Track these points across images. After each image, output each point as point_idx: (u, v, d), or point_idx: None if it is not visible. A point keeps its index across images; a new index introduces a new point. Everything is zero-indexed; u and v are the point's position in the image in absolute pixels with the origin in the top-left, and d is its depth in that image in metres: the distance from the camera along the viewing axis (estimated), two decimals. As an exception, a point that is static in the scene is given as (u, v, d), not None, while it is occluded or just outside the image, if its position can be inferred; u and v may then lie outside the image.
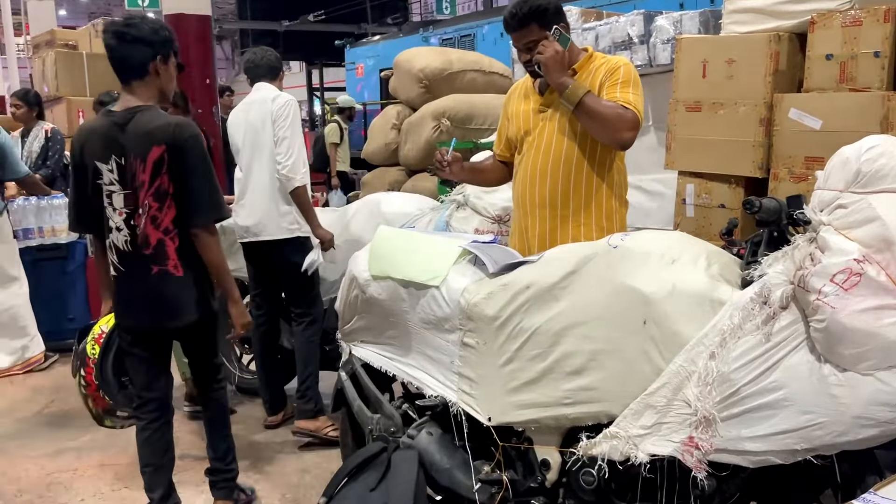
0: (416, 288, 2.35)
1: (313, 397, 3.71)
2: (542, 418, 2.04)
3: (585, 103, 2.52)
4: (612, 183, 2.70)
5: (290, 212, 3.63)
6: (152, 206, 2.60)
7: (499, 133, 2.99)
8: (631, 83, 2.59)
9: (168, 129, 2.58)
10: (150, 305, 2.68)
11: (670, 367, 1.77)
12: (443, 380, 2.31)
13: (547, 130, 2.68)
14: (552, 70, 2.55)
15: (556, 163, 2.66)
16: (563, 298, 2.00)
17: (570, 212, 2.67)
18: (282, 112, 3.57)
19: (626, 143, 2.58)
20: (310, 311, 3.75)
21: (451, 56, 6.78)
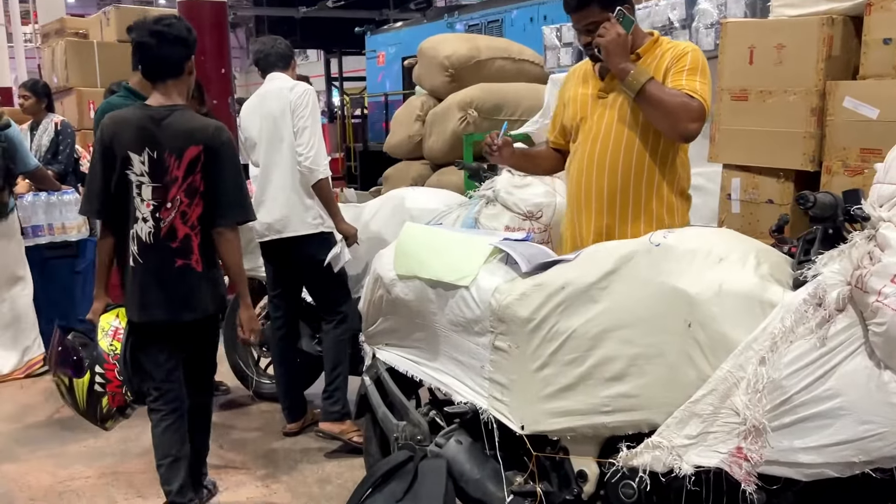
0: (445, 288, 2.36)
1: (340, 399, 3.73)
2: (579, 427, 2.03)
3: (648, 91, 2.50)
4: (674, 177, 2.68)
5: (313, 206, 3.66)
6: (183, 201, 2.81)
7: (553, 119, 2.97)
8: (699, 71, 2.56)
9: (207, 130, 2.83)
10: (168, 298, 2.85)
11: (717, 373, 1.76)
12: (473, 385, 2.32)
13: (606, 118, 2.66)
14: (613, 54, 2.53)
15: (616, 153, 2.64)
16: (601, 300, 2.00)
17: (628, 207, 2.65)
18: (301, 101, 3.60)
19: (691, 134, 2.55)
20: (339, 309, 3.77)
21: (478, 43, 6.77)
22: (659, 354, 1.87)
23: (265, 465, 3.63)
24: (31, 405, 4.54)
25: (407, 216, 3.74)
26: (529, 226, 3.48)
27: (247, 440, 3.94)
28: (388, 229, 3.78)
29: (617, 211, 2.67)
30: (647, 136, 2.62)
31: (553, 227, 3.56)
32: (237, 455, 3.76)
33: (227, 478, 3.53)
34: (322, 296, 3.81)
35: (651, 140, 2.62)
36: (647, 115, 2.57)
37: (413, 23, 15.02)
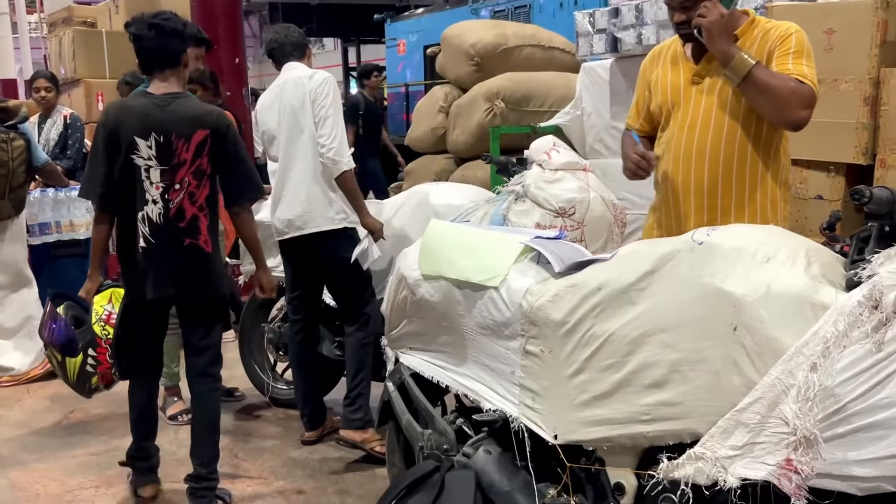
0: (473, 289, 2.36)
1: (363, 406, 3.73)
2: (616, 436, 2.03)
3: (755, 76, 2.47)
4: (778, 167, 2.66)
5: (336, 200, 3.67)
6: (191, 182, 3.12)
7: (636, 104, 2.94)
8: (804, 53, 2.53)
9: (212, 115, 3.17)
10: (177, 276, 3.17)
11: (765, 380, 1.74)
12: (502, 392, 2.32)
13: (704, 105, 2.64)
14: (716, 36, 2.50)
15: (716, 142, 2.61)
16: (640, 301, 1.99)
17: (731, 200, 2.62)
18: (321, 90, 3.62)
19: (801, 122, 2.52)
20: (362, 311, 3.77)
21: (505, 30, 6.76)
22: (702, 360, 1.86)
23: (282, 476, 3.65)
24: (39, 410, 4.60)
25: (431, 213, 3.75)
26: (562, 223, 3.47)
27: (263, 449, 3.97)
28: (412, 227, 3.79)
29: (719, 205, 2.64)
30: (749, 123, 2.58)
31: (587, 224, 3.55)
32: (253, 464, 3.79)
33: (242, 488, 3.56)
34: (344, 297, 3.82)
35: (754, 127, 2.59)
36: (752, 102, 2.53)
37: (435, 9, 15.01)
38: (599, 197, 3.62)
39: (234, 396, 4.64)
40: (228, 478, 3.65)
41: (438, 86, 7.27)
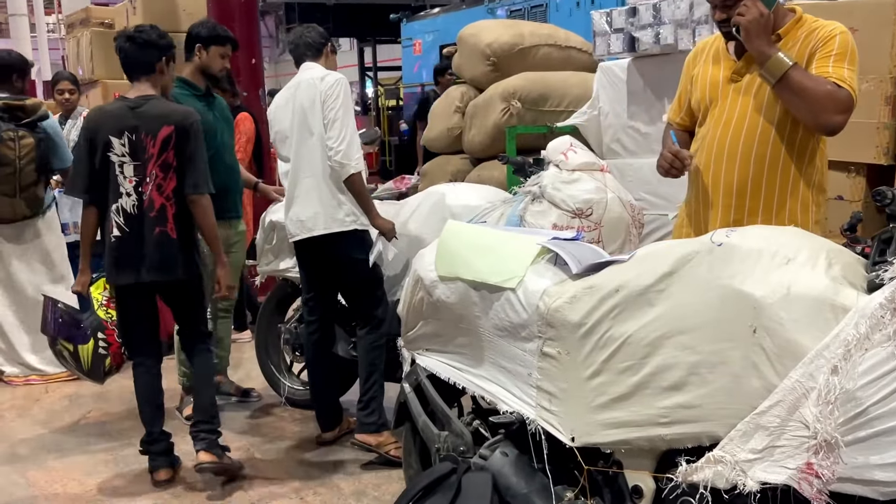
0: (489, 290, 2.36)
1: (376, 409, 3.74)
2: (634, 439, 2.02)
3: (791, 78, 2.45)
4: (812, 171, 2.64)
5: (345, 202, 3.67)
6: (158, 175, 3.47)
7: (678, 97, 2.93)
8: (847, 56, 2.50)
9: (177, 113, 3.53)
10: (149, 262, 3.48)
11: (785, 383, 1.73)
12: (519, 394, 2.32)
13: (740, 103, 2.63)
14: (754, 35, 2.48)
15: (749, 143, 2.59)
16: (658, 303, 1.98)
17: (760, 202, 2.61)
18: (331, 92, 3.62)
19: (836, 127, 2.50)
20: (374, 313, 3.77)
21: (522, 29, 6.75)
22: (721, 362, 1.85)
23: (298, 477, 3.66)
24: (57, 410, 4.63)
25: (448, 214, 3.75)
26: (579, 224, 3.47)
27: (279, 450, 3.99)
28: (428, 228, 3.79)
29: (747, 206, 2.63)
30: (785, 125, 2.57)
31: (605, 224, 3.54)
32: (269, 465, 3.80)
33: (258, 489, 3.57)
34: (356, 299, 3.83)
35: (789, 130, 2.57)
36: (787, 104, 2.52)
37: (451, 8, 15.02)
38: (617, 197, 3.61)
39: (250, 397, 4.67)
40: (245, 478, 3.67)
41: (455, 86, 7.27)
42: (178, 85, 4.24)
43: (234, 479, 3.63)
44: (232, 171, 4.36)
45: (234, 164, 4.42)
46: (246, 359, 5.28)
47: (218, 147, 4.25)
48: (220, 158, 4.25)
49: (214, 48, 4.24)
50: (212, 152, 4.22)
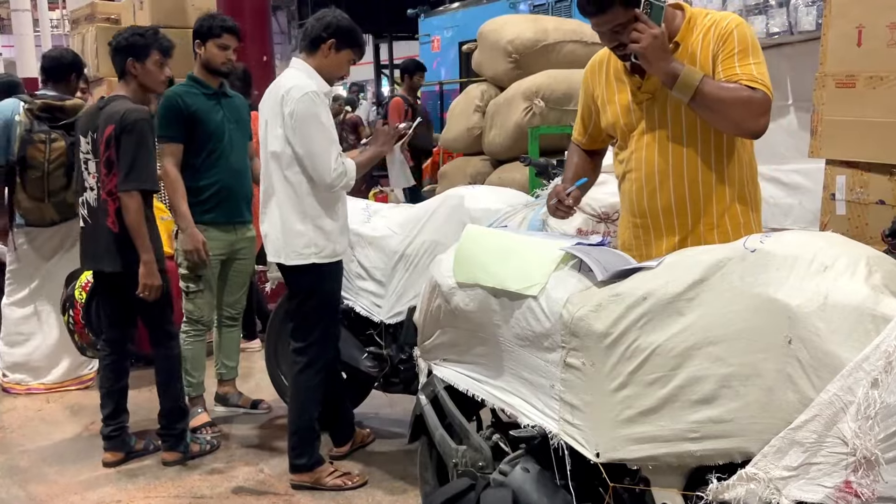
0: (510, 298, 2.37)
1: (307, 451, 3.66)
2: (662, 455, 2.02)
3: (704, 93, 2.45)
4: (742, 167, 2.66)
5: (306, 231, 3.51)
6: (103, 171, 3.85)
7: (582, 118, 2.94)
8: (749, 50, 2.51)
9: (120, 113, 3.78)
10: (97, 251, 3.94)
11: (822, 397, 1.72)
12: (541, 407, 2.32)
13: (658, 122, 2.64)
14: (653, 60, 2.47)
15: (679, 161, 2.61)
16: (688, 312, 1.98)
17: (701, 216, 2.64)
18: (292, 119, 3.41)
19: (760, 131, 2.52)
20: (305, 350, 3.63)
21: (545, 25, 6.76)
22: (754, 374, 1.84)
23: (310, 492, 3.67)
24: (59, 421, 4.67)
25: (466, 218, 3.76)
26: (604, 228, 3.47)
27: (289, 464, 4.00)
28: (446, 232, 3.80)
29: (689, 223, 2.65)
30: (708, 134, 2.59)
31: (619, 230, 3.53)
32: (279, 481, 3.82)
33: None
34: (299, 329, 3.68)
35: (714, 137, 2.59)
36: (705, 118, 2.54)
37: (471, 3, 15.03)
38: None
39: (259, 409, 4.69)
40: (253, 494, 3.69)
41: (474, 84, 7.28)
42: (186, 83, 4.29)
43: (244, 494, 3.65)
44: (238, 175, 4.36)
45: (242, 168, 4.41)
46: (255, 369, 5.31)
47: (223, 149, 4.27)
48: (224, 160, 4.28)
49: (211, 42, 4.26)
50: (217, 154, 4.26)
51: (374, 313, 4.04)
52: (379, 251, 4.03)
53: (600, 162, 3.02)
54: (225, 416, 4.63)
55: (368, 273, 4.05)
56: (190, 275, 4.28)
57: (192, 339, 4.40)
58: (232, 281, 4.55)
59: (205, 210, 4.27)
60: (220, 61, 4.28)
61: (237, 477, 3.89)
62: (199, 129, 4.23)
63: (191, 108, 4.21)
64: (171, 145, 4.21)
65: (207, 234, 4.25)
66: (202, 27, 4.29)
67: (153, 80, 3.94)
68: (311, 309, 3.61)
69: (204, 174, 4.26)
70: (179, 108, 4.19)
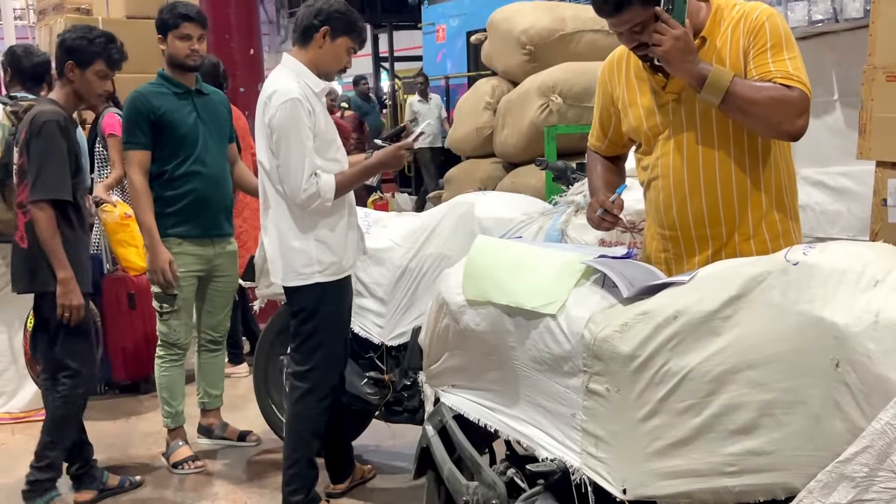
0: (526, 317, 2.38)
1: (302, 486, 3.67)
2: (697, 491, 2.02)
3: (735, 94, 2.48)
4: (779, 172, 2.69)
5: (305, 249, 3.52)
6: (18, 181, 3.90)
7: (599, 121, 2.97)
8: (783, 44, 2.54)
9: (30, 117, 3.79)
10: (15, 272, 3.93)
11: (873, 426, 1.73)
12: (561, 438, 2.32)
13: (686, 125, 2.66)
14: (678, 62, 2.50)
15: (710, 168, 2.65)
16: (724, 332, 1.99)
17: (736, 226, 2.66)
18: (270, 128, 3.43)
19: (798, 133, 2.55)
20: (306, 375, 3.65)
21: (562, 13, 6.80)
22: (798, 401, 1.85)
23: (303, 534, 3.68)
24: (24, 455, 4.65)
25: (477, 228, 3.78)
26: (630, 239, 3.47)
27: (281, 502, 4.01)
28: (454, 244, 3.82)
29: (724, 233, 2.68)
30: (741, 136, 2.62)
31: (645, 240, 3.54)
32: (270, 521, 3.83)
33: (257, 548, 3.60)
34: (299, 348, 3.69)
35: (747, 140, 2.62)
36: (739, 121, 2.57)
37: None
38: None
39: (247, 441, 4.70)
40: None
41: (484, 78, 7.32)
42: (154, 82, 4.30)
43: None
44: (215, 183, 4.34)
45: (219, 174, 4.39)
46: (241, 396, 5.32)
47: (198, 154, 4.26)
48: (198, 167, 4.26)
49: (170, 34, 4.27)
50: (190, 160, 4.23)
51: (375, 334, 4.05)
52: (380, 265, 4.04)
53: (624, 167, 3.04)
54: (209, 449, 4.64)
55: (368, 290, 4.06)
56: (162, 294, 4.28)
57: (168, 365, 4.40)
58: (213, 301, 4.55)
59: (178, 222, 4.27)
60: (183, 54, 4.27)
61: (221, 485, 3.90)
62: (169, 133, 4.22)
63: (158, 110, 4.21)
64: (136, 152, 4.20)
65: (182, 249, 4.27)
66: (160, 21, 4.31)
67: (89, 91, 3.88)
68: (314, 329, 3.60)
69: (176, 183, 4.25)
70: (144, 111, 4.20)
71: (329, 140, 3.54)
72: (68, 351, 3.83)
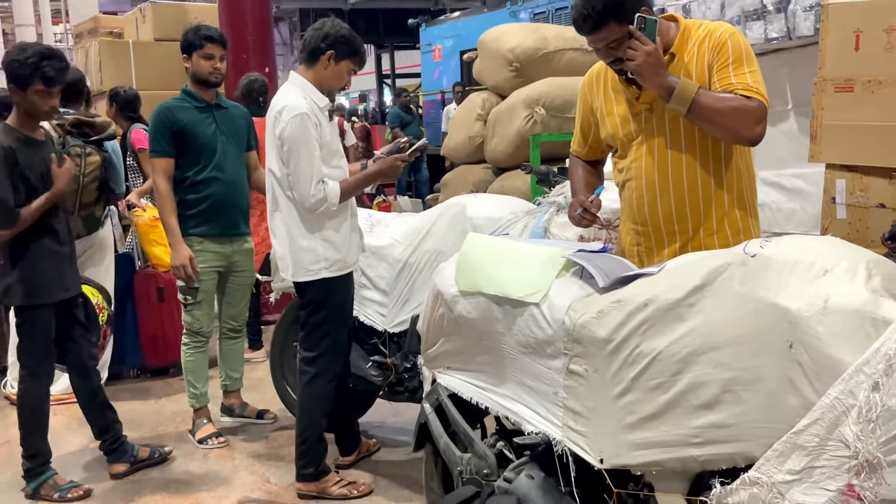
0: (513, 305, 2.37)
1: (313, 460, 3.67)
2: (666, 460, 2.02)
3: (700, 104, 2.49)
4: (741, 173, 2.69)
5: (312, 247, 3.51)
6: None
7: (580, 130, 2.97)
8: (743, 59, 2.55)
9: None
10: None
11: (823, 400, 1.73)
12: (545, 413, 2.32)
13: (657, 132, 2.67)
14: (649, 76, 2.51)
15: (678, 171, 2.65)
16: (690, 318, 1.98)
17: (701, 223, 2.67)
18: (284, 139, 3.41)
19: (756, 139, 2.56)
20: (314, 360, 3.64)
21: (545, 33, 6.77)
22: (756, 379, 1.85)
23: (316, 502, 3.67)
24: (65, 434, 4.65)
25: (469, 226, 3.76)
26: (606, 235, 3.46)
27: (295, 473, 4.00)
28: (448, 241, 3.81)
29: (690, 229, 2.68)
30: (706, 142, 2.63)
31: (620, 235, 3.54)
32: (285, 491, 3.82)
33: (274, 514, 3.60)
34: (308, 338, 3.67)
35: (711, 145, 2.63)
36: (703, 128, 2.58)
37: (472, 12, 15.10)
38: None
39: (265, 419, 4.69)
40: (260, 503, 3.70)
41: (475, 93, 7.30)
42: (179, 97, 4.30)
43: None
44: (233, 187, 4.34)
45: (237, 180, 4.37)
46: (259, 379, 5.31)
47: (217, 162, 4.26)
48: (217, 173, 4.26)
49: (195, 54, 4.26)
50: (210, 166, 4.25)
51: (378, 322, 4.04)
52: (382, 261, 4.03)
53: (602, 171, 3.04)
54: (230, 426, 4.63)
55: (372, 282, 4.05)
56: (186, 287, 4.29)
57: (192, 351, 4.41)
58: (232, 293, 4.56)
59: (199, 223, 4.28)
60: (206, 72, 4.26)
61: (243, 487, 3.89)
62: (190, 142, 4.22)
63: (180, 122, 4.20)
64: (161, 159, 4.21)
65: (203, 247, 4.27)
66: (185, 41, 4.30)
67: (35, 110, 3.63)
68: (321, 320, 3.60)
69: (197, 187, 4.25)
70: (168, 123, 4.19)
71: (333, 150, 3.54)
72: (24, 352, 3.77)
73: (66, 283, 3.78)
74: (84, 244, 4.99)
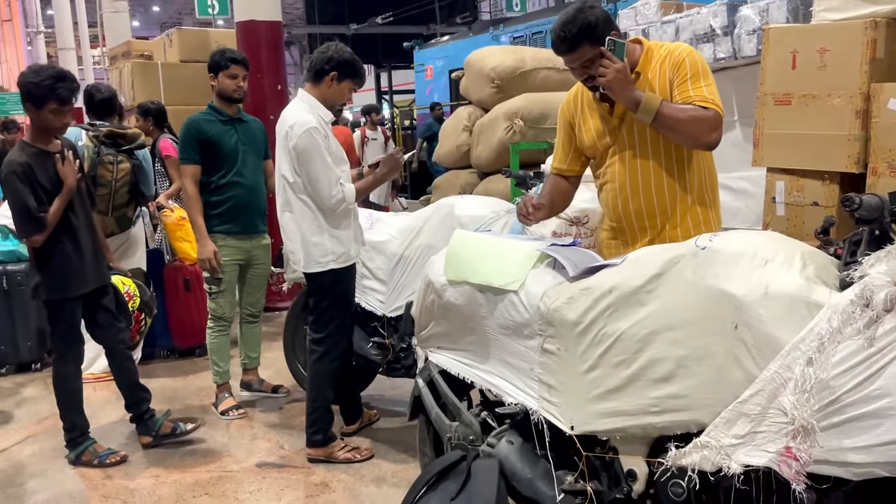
0: (494, 293, 2.37)
1: (321, 428, 3.66)
2: (628, 427, 2.02)
3: (663, 114, 2.50)
4: (702, 175, 2.70)
5: (322, 242, 3.49)
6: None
7: (562, 146, 2.95)
8: (700, 74, 2.55)
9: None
10: None
11: (764, 374, 1.73)
12: (523, 387, 2.32)
13: (627, 143, 2.68)
14: (619, 90, 2.53)
15: (647, 175, 2.66)
16: (648, 302, 1.98)
17: (667, 219, 2.68)
18: (297, 151, 3.40)
19: (714, 144, 2.57)
20: (322, 341, 3.62)
21: (523, 54, 6.77)
22: (706, 356, 1.85)
23: (324, 465, 3.67)
24: (104, 408, 4.63)
25: (456, 223, 3.75)
26: (576, 231, 3.47)
27: (306, 440, 3.99)
28: (439, 236, 3.80)
29: (658, 224, 2.69)
30: (670, 149, 2.64)
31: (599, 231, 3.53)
32: (297, 455, 3.81)
33: (287, 476, 3.58)
34: (315, 322, 3.64)
35: (675, 152, 2.64)
36: (666, 135, 2.59)
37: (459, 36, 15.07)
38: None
39: (279, 393, 4.68)
40: (275, 467, 3.69)
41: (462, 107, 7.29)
42: (205, 112, 4.29)
43: (266, 467, 3.65)
44: (252, 191, 4.33)
45: (255, 184, 4.37)
46: (274, 358, 5.30)
47: (238, 168, 4.27)
48: (238, 178, 4.27)
49: (221, 73, 4.24)
50: (232, 173, 4.25)
51: (378, 308, 4.03)
52: (381, 254, 4.02)
53: (571, 193, 3.00)
54: (249, 399, 4.62)
55: (372, 273, 4.05)
56: (211, 278, 4.29)
57: (216, 334, 4.40)
58: (250, 283, 4.55)
59: (223, 222, 4.27)
60: (231, 89, 4.26)
61: (260, 453, 3.88)
62: (215, 151, 4.22)
63: (206, 133, 4.19)
64: (189, 166, 4.21)
65: (225, 242, 4.26)
66: (213, 62, 4.28)
67: (49, 127, 3.54)
68: (328, 305, 3.61)
69: (221, 190, 4.25)
70: (195, 134, 4.19)
71: (338, 158, 3.53)
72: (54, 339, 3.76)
73: (86, 278, 3.72)
74: (118, 241, 4.99)
